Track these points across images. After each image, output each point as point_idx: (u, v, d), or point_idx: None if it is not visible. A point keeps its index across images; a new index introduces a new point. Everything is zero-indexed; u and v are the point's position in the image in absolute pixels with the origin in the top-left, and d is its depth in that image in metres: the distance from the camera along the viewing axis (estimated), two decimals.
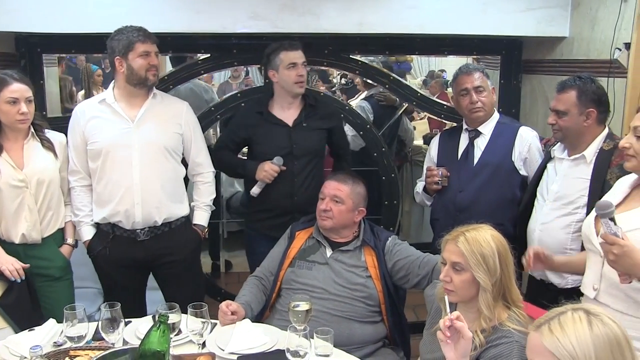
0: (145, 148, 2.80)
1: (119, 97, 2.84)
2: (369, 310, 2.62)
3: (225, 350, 2.16)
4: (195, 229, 3.03)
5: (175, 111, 2.94)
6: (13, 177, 2.67)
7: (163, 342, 1.74)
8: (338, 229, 2.72)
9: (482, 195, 2.93)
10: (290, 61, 3.06)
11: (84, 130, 2.83)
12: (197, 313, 2.13)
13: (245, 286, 2.73)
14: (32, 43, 3.58)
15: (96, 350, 2.04)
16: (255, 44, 3.65)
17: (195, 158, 3.01)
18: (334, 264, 2.66)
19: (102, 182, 2.84)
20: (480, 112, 2.97)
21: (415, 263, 2.62)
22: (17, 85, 2.64)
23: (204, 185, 3.06)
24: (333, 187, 2.72)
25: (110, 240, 2.87)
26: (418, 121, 6.66)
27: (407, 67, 7.53)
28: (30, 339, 2.16)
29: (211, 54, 3.73)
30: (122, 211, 2.81)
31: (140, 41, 2.75)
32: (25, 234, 2.73)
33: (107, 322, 2.09)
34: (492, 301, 1.95)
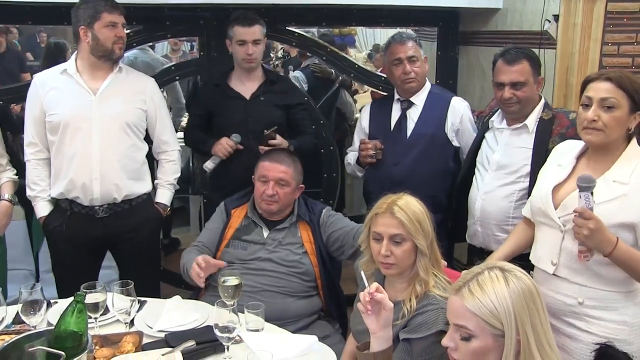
0: (106, 122, 2.70)
1: (82, 68, 2.73)
2: (305, 286, 2.62)
3: (153, 328, 2.12)
4: (156, 207, 2.95)
5: (140, 87, 2.85)
6: None
7: (80, 322, 1.68)
8: (282, 210, 2.68)
9: (417, 168, 2.93)
10: (239, 38, 3.00)
11: (43, 101, 2.71)
12: (123, 291, 2.08)
13: (190, 254, 2.63)
14: None
15: (14, 334, 1.96)
16: (189, 16, 3.55)
17: (161, 136, 2.92)
18: (270, 243, 2.64)
19: (59, 156, 2.73)
20: (413, 83, 2.95)
21: (349, 234, 2.62)
22: None
23: (168, 164, 2.98)
24: (277, 171, 2.65)
25: (68, 217, 2.77)
26: (362, 94, 6.63)
27: (350, 40, 7.50)
28: None
29: (143, 25, 3.61)
30: (79, 186, 2.71)
31: (107, 11, 2.64)
32: None
33: (27, 305, 2.02)
34: (429, 264, 1.96)
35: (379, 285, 1.80)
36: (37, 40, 7.69)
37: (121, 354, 1.91)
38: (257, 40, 3.03)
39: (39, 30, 7.80)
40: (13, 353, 1.69)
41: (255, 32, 3.01)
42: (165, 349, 1.95)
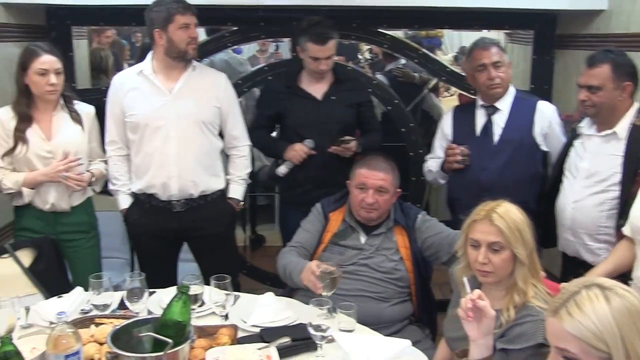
0: (182, 121, 2.79)
1: (157, 69, 2.82)
2: (399, 292, 2.60)
3: (247, 323, 2.17)
4: (230, 202, 3.02)
5: (213, 83, 2.90)
6: (41, 148, 2.72)
7: (184, 312, 1.75)
8: (382, 216, 2.67)
9: (505, 173, 2.87)
10: (312, 54, 3.02)
11: (123, 101, 2.82)
12: (220, 285, 2.14)
13: (290, 256, 2.65)
14: (62, 15, 3.59)
15: (120, 319, 2.06)
16: (283, 17, 3.61)
17: (232, 131, 2.98)
18: (367, 248, 2.63)
19: (140, 154, 2.84)
20: (498, 89, 2.89)
21: (445, 240, 2.59)
22: (46, 57, 2.66)
23: (239, 159, 3.03)
24: (377, 178, 2.62)
25: (146, 210, 2.89)
26: (447, 97, 6.54)
27: (437, 42, 7.36)
28: (58, 305, 2.20)
29: (238, 26, 3.70)
30: (159, 184, 2.82)
31: (180, 13, 2.71)
32: (54, 203, 2.78)
33: (131, 292, 2.12)
34: (528, 274, 1.92)
35: (480, 292, 1.78)
36: (132, 40, 7.97)
37: (218, 345, 1.97)
38: (330, 56, 3.05)
39: (134, 30, 8.09)
40: (123, 336, 1.78)
41: (328, 49, 3.02)
42: (261, 343, 1.99)
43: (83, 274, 2.51)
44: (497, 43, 2.95)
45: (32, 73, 2.65)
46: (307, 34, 3.01)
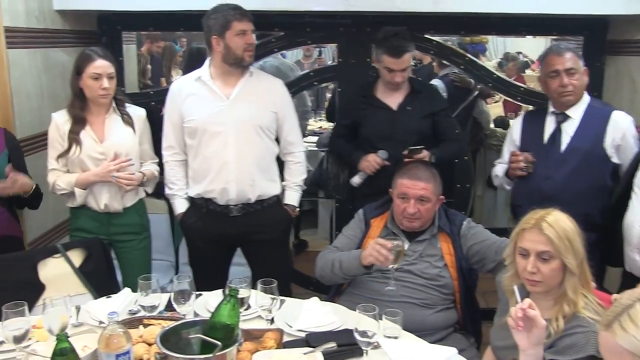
0: (240, 126, 2.81)
1: (215, 75, 2.84)
2: (443, 299, 2.58)
3: (293, 327, 2.17)
4: (286, 208, 3.02)
5: (269, 89, 2.92)
6: (94, 150, 2.79)
7: (233, 315, 1.75)
8: (425, 224, 2.65)
9: (570, 183, 2.79)
10: (387, 66, 3.02)
11: (181, 107, 2.86)
12: (266, 289, 2.15)
13: (334, 253, 2.66)
14: (113, 21, 3.68)
15: (168, 320, 2.09)
16: (329, 23, 3.63)
17: (287, 137, 2.98)
18: (410, 254, 2.61)
19: (198, 159, 2.87)
20: (570, 96, 2.81)
21: (491, 248, 2.55)
22: (100, 62, 2.73)
23: (295, 165, 3.04)
24: (418, 188, 2.59)
25: (203, 214, 2.91)
26: (492, 104, 6.47)
27: (481, 48, 7.28)
28: (107, 305, 2.24)
29: (285, 32, 3.73)
30: (218, 188, 2.84)
31: (237, 20, 2.73)
32: (107, 204, 2.85)
33: (179, 294, 2.14)
34: (578, 284, 1.88)
35: (531, 301, 1.74)
36: (178, 45, 8.09)
37: (264, 349, 1.97)
38: (405, 69, 3.04)
39: (179, 35, 8.22)
40: (172, 337, 1.79)
41: (403, 62, 3.01)
42: (306, 348, 1.99)
43: (133, 274, 2.56)
44: (573, 49, 2.86)
45: (86, 77, 2.72)
46: (383, 46, 3.01)
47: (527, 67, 8.78)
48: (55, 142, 2.80)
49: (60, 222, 3.32)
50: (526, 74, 8.15)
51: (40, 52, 3.22)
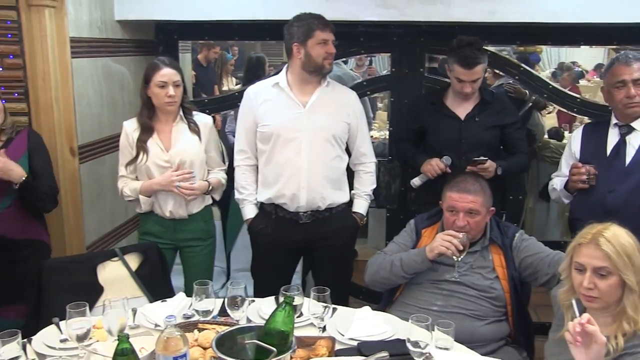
0: (314, 134, 2.84)
1: (292, 82, 2.88)
2: (495, 311, 2.55)
3: (345, 336, 2.17)
4: (354, 216, 3.04)
5: (344, 100, 2.95)
6: (159, 158, 2.86)
7: (288, 322, 1.77)
8: (475, 236, 2.62)
9: (634, 197, 2.68)
10: (458, 76, 3.01)
11: (256, 112, 2.90)
12: (319, 297, 2.15)
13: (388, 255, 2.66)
14: (170, 30, 3.78)
15: (222, 325, 2.12)
16: (382, 32, 3.63)
17: (360, 148, 3.01)
18: (461, 266, 2.58)
19: (270, 165, 2.91)
20: (636, 108, 2.71)
21: (544, 261, 2.51)
22: (166, 70, 2.80)
23: (365, 175, 3.06)
24: (466, 201, 2.56)
25: (272, 220, 2.95)
26: (545, 115, 6.36)
27: (535, 58, 7.20)
28: (163, 309, 2.29)
29: (339, 41, 3.74)
30: (289, 194, 2.87)
31: (320, 29, 2.78)
32: (172, 211, 2.91)
33: (233, 300, 2.16)
34: (638, 301, 1.83)
35: (590, 316, 1.70)
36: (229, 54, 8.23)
37: (316, 357, 1.98)
38: (476, 80, 3.02)
39: (231, 44, 8.35)
40: (227, 342, 1.83)
41: (474, 74, 2.99)
42: (358, 357, 1.99)
43: (195, 278, 2.61)
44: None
45: (153, 85, 2.80)
46: (455, 55, 3.00)
47: (582, 77, 8.60)
48: (125, 149, 2.88)
49: (117, 226, 3.41)
50: (580, 84, 7.99)
51: (101, 61, 3.34)
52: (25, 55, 2.89)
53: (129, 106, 3.46)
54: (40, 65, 2.90)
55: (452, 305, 2.52)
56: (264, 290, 2.52)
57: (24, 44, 2.88)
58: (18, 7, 2.84)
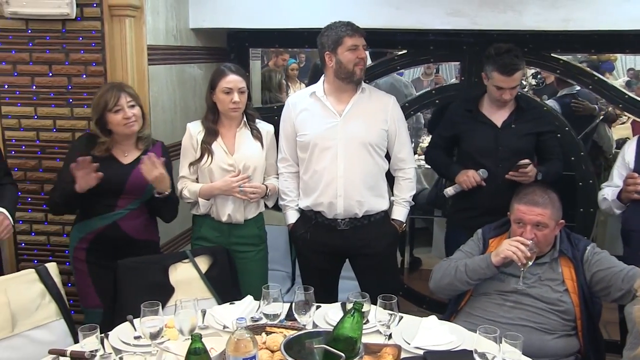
0: (350, 142, 2.87)
1: (329, 91, 2.93)
2: (564, 325, 2.49)
3: (411, 344, 2.16)
4: (393, 223, 3.04)
5: (382, 106, 2.96)
6: (224, 161, 2.91)
7: (356, 329, 1.78)
8: (542, 249, 2.57)
9: None
10: (497, 84, 2.98)
11: (295, 121, 2.96)
12: (386, 305, 2.15)
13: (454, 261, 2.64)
14: (241, 38, 3.86)
15: (289, 329, 2.15)
16: (453, 41, 3.61)
17: (398, 153, 3.01)
18: (529, 278, 2.53)
19: (308, 173, 2.96)
20: None
21: (618, 276, 2.43)
22: (232, 77, 2.87)
23: (404, 181, 3.06)
24: (534, 214, 2.51)
25: (312, 226, 2.99)
26: (619, 126, 6.15)
27: (609, 67, 6.95)
28: (231, 311, 2.35)
29: (408, 50, 3.75)
30: (326, 202, 2.91)
31: (349, 35, 2.81)
32: (230, 215, 2.96)
33: (301, 304, 2.18)
34: None
35: None
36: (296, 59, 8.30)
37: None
38: (515, 87, 2.99)
39: (298, 51, 8.43)
40: (295, 346, 1.85)
41: (513, 80, 2.97)
42: None
43: (250, 283, 2.67)
44: None
45: (219, 91, 2.86)
46: (493, 63, 2.97)
47: None
48: (188, 150, 2.96)
49: (185, 229, 3.50)
50: None
51: (175, 68, 3.45)
52: (106, 63, 3.04)
53: (201, 111, 3.54)
54: (120, 72, 3.04)
55: (520, 317, 2.47)
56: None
57: (106, 52, 3.03)
58: (102, 17, 2.99)
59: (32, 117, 3.17)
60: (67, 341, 2.32)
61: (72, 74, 3.09)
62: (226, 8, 3.49)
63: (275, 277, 3.70)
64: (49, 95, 3.13)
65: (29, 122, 3.18)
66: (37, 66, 3.11)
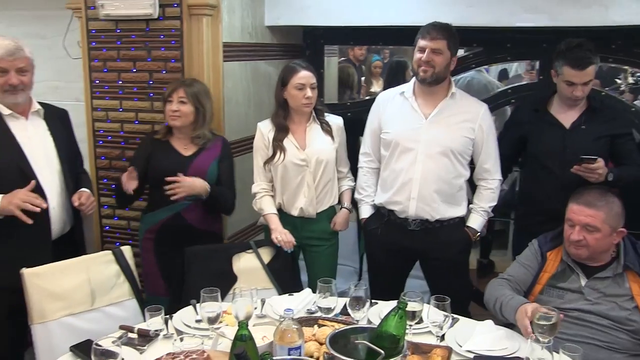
0: (432, 147, 2.82)
1: (418, 92, 2.90)
2: (635, 344, 2.33)
3: (463, 347, 2.14)
4: (467, 230, 2.96)
5: (471, 114, 2.87)
6: (296, 156, 2.97)
7: (400, 327, 1.79)
8: (596, 256, 2.44)
9: None
10: (568, 79, 2.82)
11: (381, 118, 2.97)
12: (439, 305, 2.14)
13: (504, 289, 2.50)
14: (317, 35, 3.92)
15: (341, 323, 2.18)
16: (531, 38, 3.50)
17: (483, 164, 2.92)
18: (590, 293, 2.40)
19: (387, 170, 2.95)
20: None
21: None
22: (304, 73, 2.92)
23: (486, 191, 2.96)
24: (584, 214, 2.38)
25: (384, 223, 2.99)
26: None
27: None
28: (289, 302, 2.41)
29: (483, 47, 3.67)
30: (399, 202, 2.89)
31: (421, 36, 2.79)
32: (302, 208, 3.02)
33: (355, 300, 2.21)
34: None
35: None
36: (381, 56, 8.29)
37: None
38: (587, 82, 2.82)
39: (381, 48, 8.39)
40: (341, 340, 1.88)
41: (586, 75, 2.79)
42: None
43: (318, 277, 2.70)
44: None
45: (291, 87, 2.92)
46: (564, 57, 2.83)
47: None
48: (261, 149, 3.03)
49: (255, 221, 3.60)
50: None
51: (250, 64, 3.56)
52: (184, 59, 3.18)
53: None
54: (196, 68, 3.17)
55: (582, 334, 2.34)
56: (377, 291, 2.54)
57: (184, 49, 3.16)
58: (182, 17, 3.13)
59: (118, 109, 3.37)
60: (138, 319, 2.46)
61: (153, 69, 3.26)
62: (301, 5, 3.55)
63: (343, 272, 3.75)
64: (133, 89, 3.32)
65: (115, 114, 3.38)
66: (123, 63, 3.30)
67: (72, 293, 2.45)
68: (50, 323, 2.38)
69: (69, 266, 2.50)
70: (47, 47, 3.63)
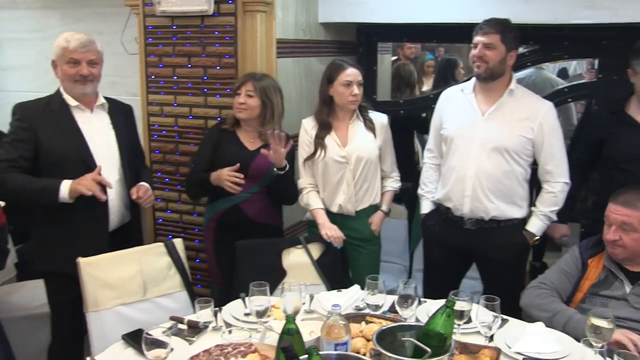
0: (486, 145, 2.78)
1: (478, 89, 2.88)
2: None
3: (512, 349, 2.10)
4: (524, 233, 2.90)
5: (530, 113, 2.79)
6: (337, 153, 2.98)
7: (447, 325, 1.77)
8: (634, 258, 2.37)
9: None
10: None
11: (442, 114, 2.97)
12: (488, 305, 2.11)
13: (546, 298, 2.46)
14: (370, 32, 3.91)
15: (389, 320, 2.17)
16: (590, 36, 3.40)
17: (545, 165, 2.84)
18: (636, 300, 2.32)
19: (444, 166, 2.96)
20: None
21: None
22: (351, 70, 2.93)
23: (548, 194, 2.86)
24: (620, 213, 2.34)
25: (442, 220, 2.98)
26: None
27: None
28: (337, 298, 2.41)
29: (540, 45, 3.59)
30: (453, 199, 2.88)
31: (475, 32, 2.78)
32: (341, 205, 3.03)
33: (403, 298, 2.21)
34: None
35: None
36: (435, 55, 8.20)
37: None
38: None
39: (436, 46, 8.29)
40: (388, 337, 1.88)
41: None
42: None
43: (361, 274, 2.69)
44: None
45: (338, 84, 2.93)
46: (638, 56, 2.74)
47: None
48: (304, 145, 3.06)
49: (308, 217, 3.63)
50: None
51: (303, 61, 3.59)
52: (237, 55, 3.22)
53: None
54: (250, 64, 3.21)
55: None
56: (431, 289, 2.52)
57: (238, 45, 3.20)
58: (236, 13, 3.18)
59: (172, 104, 3.44)
60: (188, 311, 2.50)
61: (207, 65, 3.31)
62: (355, 3, 3.55)
63: (392, 270, 3.75)
64: (187, 85, 3.38)
65: (170, 109, 3.46)
66: (178, 58, 3.37)
67: (125, 283, 2.53)
68: (104, 312, 2.45)
69: (122, 257, 2.57)
70: (106, 43, 3.70)
